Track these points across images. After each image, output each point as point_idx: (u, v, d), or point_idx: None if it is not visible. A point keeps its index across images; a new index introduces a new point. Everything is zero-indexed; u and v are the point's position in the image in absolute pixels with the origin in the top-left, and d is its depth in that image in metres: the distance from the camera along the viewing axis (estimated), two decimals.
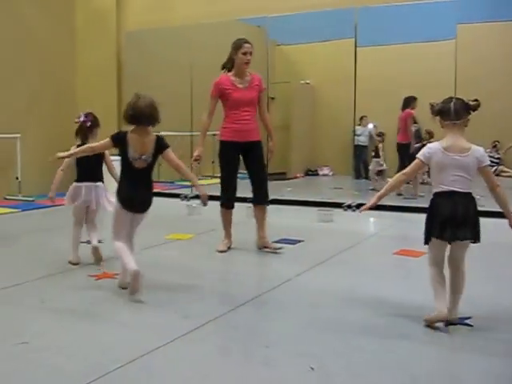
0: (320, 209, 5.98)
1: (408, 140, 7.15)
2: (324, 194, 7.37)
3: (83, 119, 3.89)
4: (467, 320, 2.70)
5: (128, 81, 8.50)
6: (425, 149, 2.70)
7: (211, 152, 6.26)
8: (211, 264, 4.02)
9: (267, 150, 4.42)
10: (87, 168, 3.83)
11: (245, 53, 4.14)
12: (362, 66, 7.10)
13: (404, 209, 6.01)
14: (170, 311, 2.92)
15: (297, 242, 4.55)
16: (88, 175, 3.87)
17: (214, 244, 4.38)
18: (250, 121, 4.24)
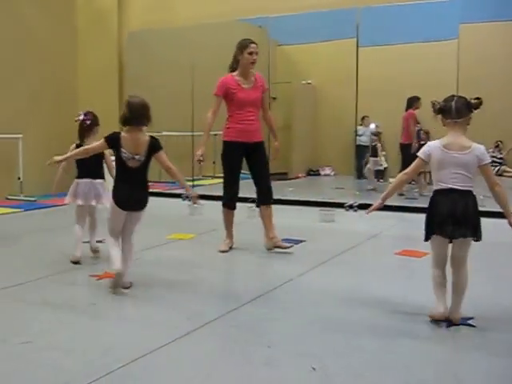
0: (322, 209, 5.97)
1: (410, 141, 7.14)
2: (326, 194, 7.36)
3: (82, 117, 3.93)
4: (470, 320, 2.69)
5: (129, 81, 8.51)
6: (425, 147, 2.73)
7: (212, 152, 6.26)
8: (213, 264, 4.01)
9: (271, 150, 4.43)
10: (87, 167, 3.88)
11: (251, 53, 4.15)
12: (364, 66, 7.08)
13: (406, 209, 6.00)
14: (172, 311, 2.93)
15: (298, 242, 4.54)
16: (88, 173, 3.93)
17: (216, 244, 4.38)
18: (254, 121, 4.25)
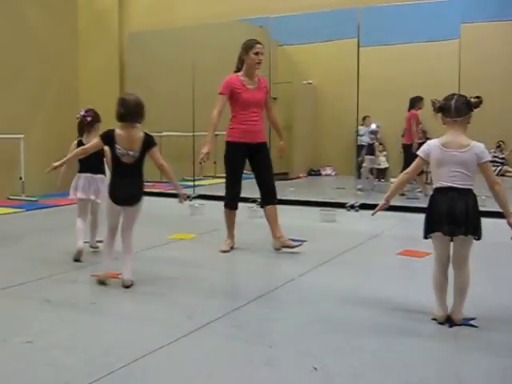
0: (323, 209, 5.97)
1: (412, 141, 7.12)
2: (327, 194, 7.36)
3: (83, 114, 4.02)
4: (472, 321, 2.68)
5: (130, 82, 8.51)
6: (424, 146, 2.74)
7: (213, 152, 6.23)
8: (214, 264, 4.01)
9: (277, 149, 4.45)
10: (88, 162, 3.93)
11: (257, 53, 4.15)
12: (365, 66, 7.07)
13: (407, 209, 5.99)
14: (173, 311, 2.93)
15: (300, 242, 4.53)
16: (89, 168, 4.01)
17: (217, 244, 4.38)
18: (258, 122, 4.25)
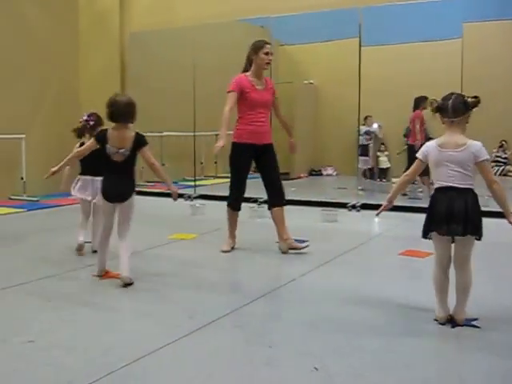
0: (324, 209, 5.96)
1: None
2: (328, 194, 7.35)
3: (86, 118, 4.12)
4: (474, 321, 2.67)
5: (131, 82, 8.50)
6: (422, 147, 2.77)
7: (212, 153, 6.22)
8: (215, 264, 4.01)
9: (289, 146, 4.45)
10: (89, 164, 3.98)
11: (266, 53, 4.16)
12: (366, 66, 7.05)
13: (409, 209, 5.98)
14: (174, 310, 2.92)
15: (301, 242, 4.52)
16: (89, 170, 4.07)
17: (218, 244, 4.37)
18: (265, 123, 4.25)
